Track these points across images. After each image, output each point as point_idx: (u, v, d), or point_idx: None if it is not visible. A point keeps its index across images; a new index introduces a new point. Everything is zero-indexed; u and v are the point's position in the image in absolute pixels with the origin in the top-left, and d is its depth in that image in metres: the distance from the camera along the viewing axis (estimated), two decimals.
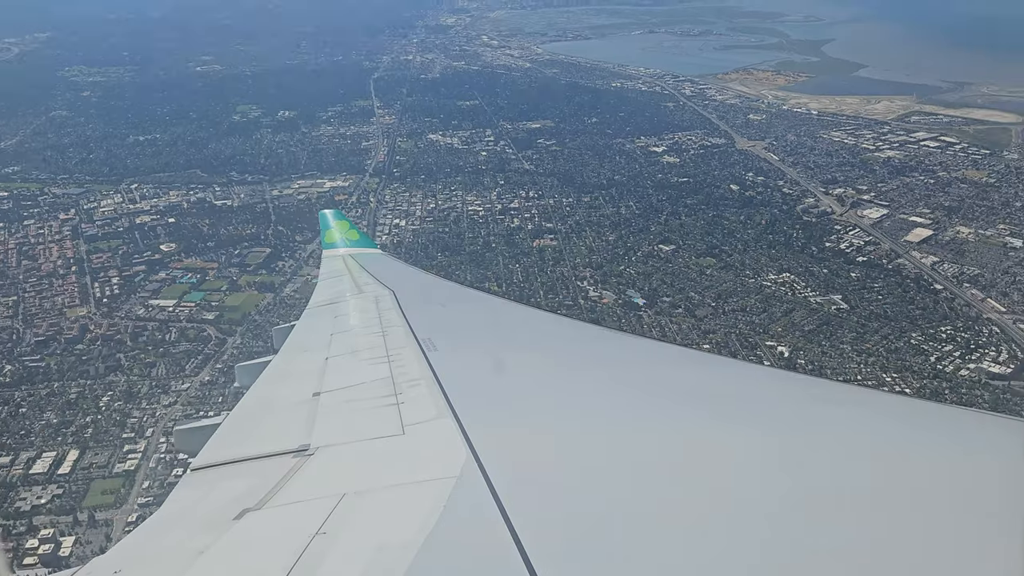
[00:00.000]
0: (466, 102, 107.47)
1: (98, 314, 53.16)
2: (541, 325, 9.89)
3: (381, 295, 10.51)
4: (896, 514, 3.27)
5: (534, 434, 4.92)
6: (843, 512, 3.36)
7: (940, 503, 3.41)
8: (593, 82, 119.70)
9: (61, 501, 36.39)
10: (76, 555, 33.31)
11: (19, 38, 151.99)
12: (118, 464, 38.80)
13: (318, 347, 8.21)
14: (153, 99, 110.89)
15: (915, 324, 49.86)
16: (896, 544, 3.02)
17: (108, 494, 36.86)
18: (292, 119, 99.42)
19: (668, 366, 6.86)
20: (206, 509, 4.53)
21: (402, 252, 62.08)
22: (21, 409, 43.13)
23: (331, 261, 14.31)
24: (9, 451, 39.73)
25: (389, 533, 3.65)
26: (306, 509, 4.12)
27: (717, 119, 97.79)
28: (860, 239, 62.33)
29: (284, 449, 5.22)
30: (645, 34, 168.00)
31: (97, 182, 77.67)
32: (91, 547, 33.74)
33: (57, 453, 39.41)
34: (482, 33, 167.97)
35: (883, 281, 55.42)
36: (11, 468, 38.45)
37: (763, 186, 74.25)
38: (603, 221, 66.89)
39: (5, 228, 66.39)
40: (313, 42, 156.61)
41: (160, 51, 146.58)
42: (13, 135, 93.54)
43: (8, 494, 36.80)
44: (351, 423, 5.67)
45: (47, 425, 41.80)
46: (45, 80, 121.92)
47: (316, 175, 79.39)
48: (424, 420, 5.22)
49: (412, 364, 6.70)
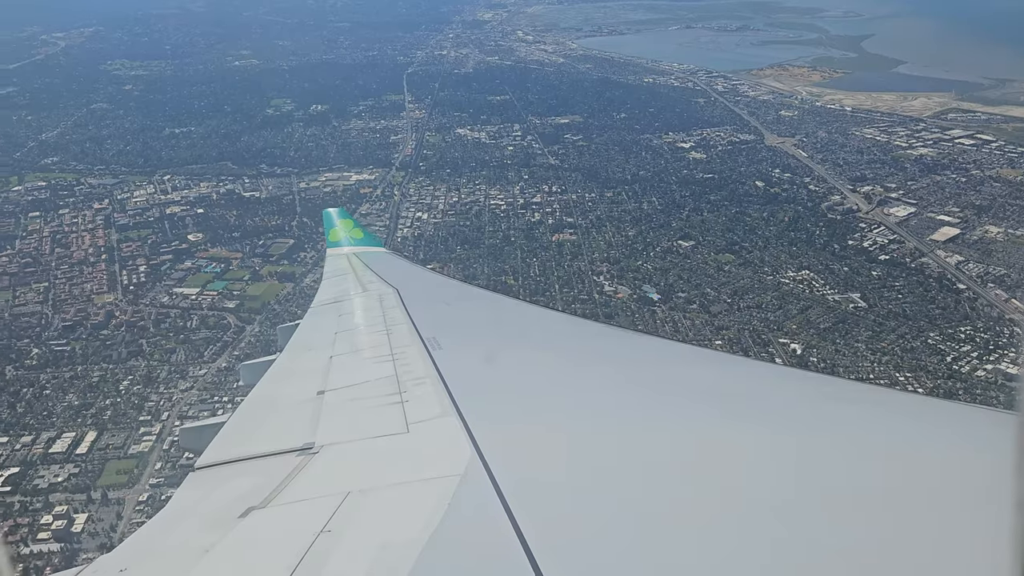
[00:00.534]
0: (496, 97, 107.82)
1: (124, 301, 54.73)
2: (546, 323, 10.01)
3: (385, 293, 10.49)
4: (908, 512, 3.26)
5: (539, 432, 4.92)
6: (854, 511, 3.32)
7: (952, 501, 3.37)
8: (625, 78, 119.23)
9: (77, 480, 37.69)
10: (87, 531, 34.55)
11: (66, 32, 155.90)
12: (133, 446, 40.04)
13: (322, 345, 8.23)
14: (191, 92, 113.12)
15: (934, 324, 49.08)
16: (909, 543, 3.00)
17: (122, 474, 38.08)
18: (324, 113, 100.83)
19: (674, 364, 6.87)
20: (211, 507, 4.56)
21: (422, 245, 62.85)
22: (45, 391, 44.67)
23: (335, 259, 14.27)
24: (32, 431, 41.25)
25: (393, 531, 3.68)
26: (311, 507, 4.12)
27: (748, 115, 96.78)
28: (884, 237, 61.40)
29: (289, 447, 5.23)
30: (681, 29, 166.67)
31: (132, 173, 79.70)
32: (102, 524, 34.94)
33: (76, 434, 40.80)
34: (517, 28, 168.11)
35: (904, 280, 54.61)
36: (32, 447, 39.93)
37: (789, 183, 73.47)
38: (624, 216, 66.83)
39: (41, 217, 68.49)
40: (350, 37, 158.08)
41: (201, 45, 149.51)
42: (55, 127, 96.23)
43: (28, 472, 38.23)
44: (356, 421, 5.70)
45: (69, 407, 43.26)
46: (89, 73, 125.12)
47: (343, 168, 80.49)
48: (428, 418, 5.23)
49: (416, 362, 6.70)
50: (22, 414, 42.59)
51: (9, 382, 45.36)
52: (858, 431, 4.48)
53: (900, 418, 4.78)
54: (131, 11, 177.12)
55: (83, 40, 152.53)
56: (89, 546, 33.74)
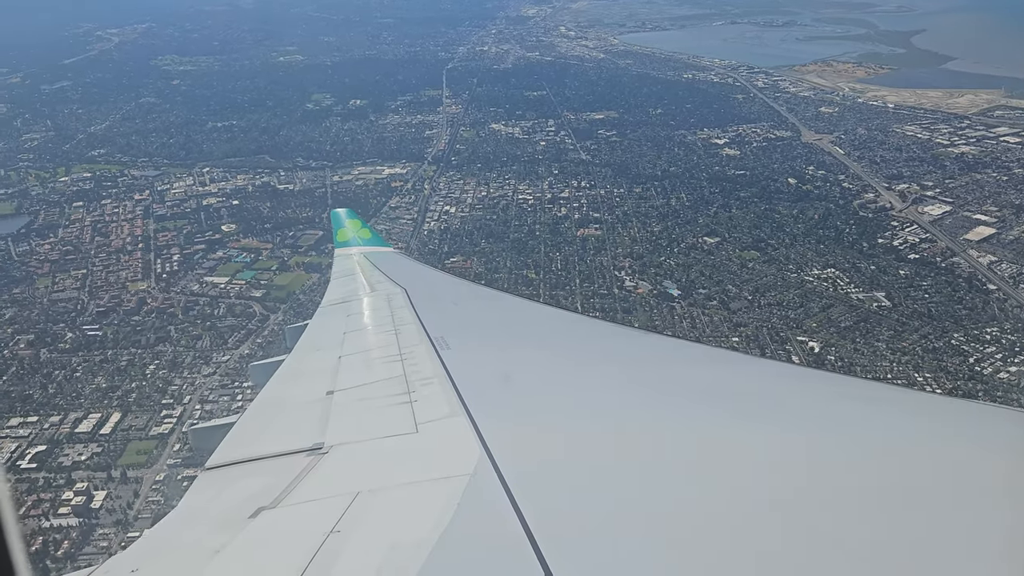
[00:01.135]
0: (533, 92, 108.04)
1: (156, 288, 56.47)
2: (554, 323, 10.05)
3: (393, 293, 10.48)
4: (920, 510, 3.26)
5: (547, 432, 4.92)
6: (862, 510, 3.31)
7: (966, 499, 3.36)
8: (664, 73, 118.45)
9: (99, 459, 39.15)
10: (105, 508, 35.90)
11: (120, 29, 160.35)
12: (155, 427, 41.41)
13: (331, 346, 8.24)
14: (235, 87, 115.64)
15: (959, 324, 48.08)
16: (922, 541, 3.01)
17: (142, 454, 39.45)
18: (362, 108, 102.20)
19: (683, 363, 6.86)
20: (221, 508, 4.59)
21: (448, 238, 63.53)
22: (76, 373, 46.40)
23: (343, 260, 14.24)
24: (60, 411, 42.92)
25: (403, 531, 3.68)
26: (320, 507, 4.14)
27: (786, 112, 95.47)
28: (916, 236, 60.21)
29: (298, 448, 5.25)
30: (726, 25, 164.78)
31: (173, 165, 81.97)
32: (120, 502, 36.26)
33: (102, 415, 42.35)
34: (560, 24, 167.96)
35: (932, 279, 53.56)
36: (60, 426, 41.58)
37: (822, 180, 72.39)
38: (651, 212, 66.65)
39: (84, 207, 70.89)
40: (394, 33, 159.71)
41: (248, 41, 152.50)
42: (104, 120, 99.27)
43: (54, 450, 39.82)
44: (365, 421, 5.71)
45: (97, 389, 44.89)
46: (139, 68, 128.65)
47: (377, 162, 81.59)
48: (437, 418, 5.23)
49: (425, 362, 6.71)
50: (53, 395, 44.32)
51: (43, 364, 47.19)
52: (867, 429, 4.48)
53: (911, 416, 4.79)
54: (183, 8, 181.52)
55: (136, 36, 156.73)
56: (106, 522, 35.14)
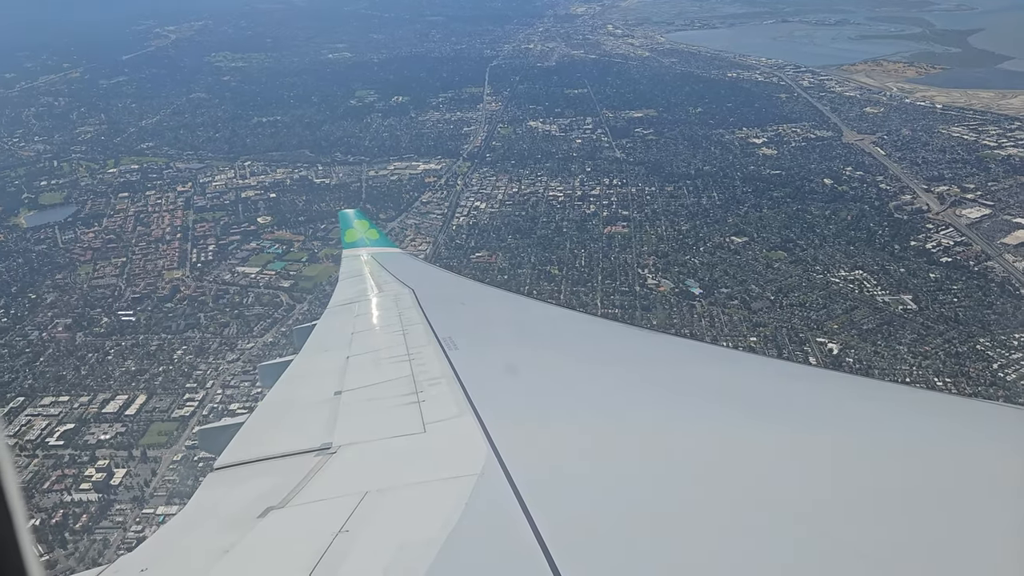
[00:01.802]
0: (574, 90, 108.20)
1: (190, 277, 58.28)
2: (562, 322, 10.05)
3: (401, 294, 10.49)
4: (932, 511, 3.26)
5: (555, 432, 4.93)
6: (873, 511, 3.31)
7: (980, 499, 3.36)
8: (708, 72, 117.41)
9: (122, 438, 40.71)
10: (124, 485, 37.32)
11: (177, 26, 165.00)
12: (177, 410, 42.87)
13: (339, 346, 8.29)
14: (283, 83, 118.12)
15: (987, 329, 46.95)
16: (934, 542, 3.02)
17: (163, 435, 40.90)
18: (403, 104, 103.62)
19: (690, 363, 6.86)
20: (230, 508, 4.60)
21: (475, 233, 64.16)
22: (108, 356, 48.21)
23: (351, 260, 14.24)
24: (91, 392, 44.69)
25: (411, 531, 3.69)
26: (329, 507, 4.15)
27: (830, 111, 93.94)
28: (951, 239, 58.86)
29: (307, 448, 5.27)
30: (777, 23, 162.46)
31: (216, 159, 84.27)
32: (138, 479, 37.67)
33: (128, 396, 43.96)
34: (608, 22, 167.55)
35: (964, 283, 52.36)
36: (88, 406, 43.30)
37: (859, 181, 71.15)
38: (681, 211, 66.36)
39: (129, 197, 73.39)
40: (442, 31, 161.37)
41: (300, 39, 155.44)
42: (155, 114, 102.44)
43: (81, 428, 41.53)
44: (373, 421, 5.72)
45: (126, 372, 46.59)
46: (193, 64, 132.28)
47: (413, 158, 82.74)
48: (445, 418, 5.24)
49: (433, 362, 6.73)
50: (84, 376, 46.16)
51: (78, 347, 49.16)
52: (879, 430, 4.46)
53: (922, 416, 4.79)
54: (239, 6, 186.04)
55: (192, 33, 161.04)
56: (123, 498, 36.56)
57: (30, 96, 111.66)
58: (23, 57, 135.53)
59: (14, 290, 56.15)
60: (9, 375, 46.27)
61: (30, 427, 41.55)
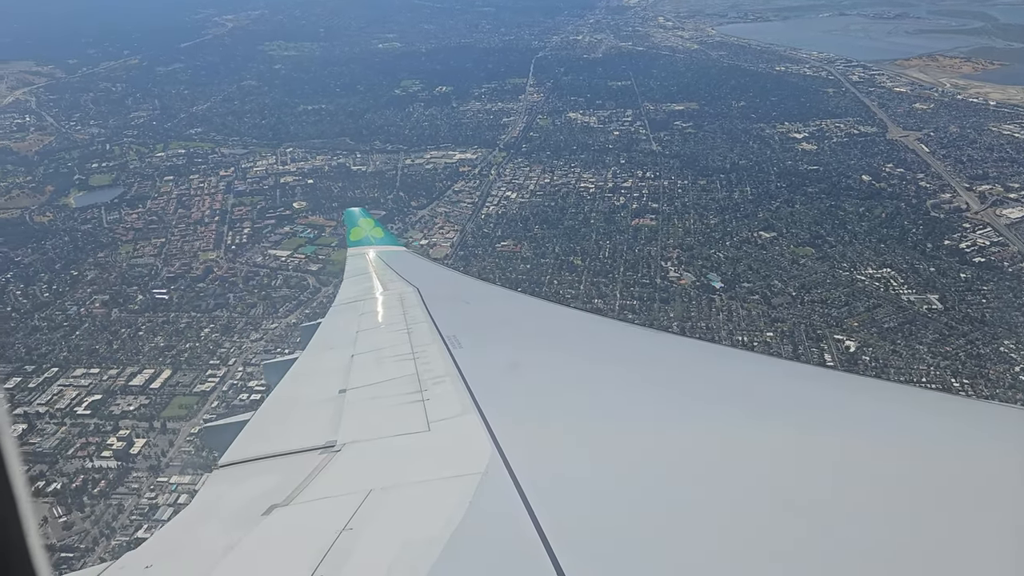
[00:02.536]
0: (618, 82, 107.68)
1: (224, 258, 60.13)
2: (566, 322, 10.09)
3: (406, 292, 10.49)
4: (934, 510, 3.29)
5: (559, 430, 4.96)
6: (877, 510, 3.32)
7: (983, 499, 3.37)
8: (756, 65, 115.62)
9: (145, 410, 42.53)
10: (142, 454, 39.06)
11: (235, 15, 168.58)
12: (199, 385, 44.57)
13: (344, 344, 8.30)
14: (331, 72, 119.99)
15: (1013, 331, 45.86)
16: (936, 541, 3.04)
17: (183, 408, 42.60)
18: (446, 94, 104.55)
19: (695, 363, 6.88)
20: (235, 505, 4.62)
21: (503, 223, 64.73)
22: (139, 332, 50.25)
23: (356, 259, 14.34)
24: (120, 365, 46.66)
25: (415, 529, 3.69)
26: (333, 505, 4.16)
27: (877, 107, 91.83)
28: (987, 239, 57.43)
29: (311, 445, 5.29)
30: (833, 16, 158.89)
31: (260, 145, 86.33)
32: (156, 449, 39.38)
33: (155, 371, 45.84)
34: (660, 14, 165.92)
35: (995, 284, 51.17)
36: (116, 379, 45.29)
37: (899, 178, 69.70)
38: (711, 205, 65.95)
39: (174, 180, 75.71)
40: (492, 21, 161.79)
41: (352, 28, 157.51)
42: (205, 101, 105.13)
43: (107, 400, 43.45)
44: (377, 420, 5.75)
45: (155, 347, 48.51)
46: (246, 53, 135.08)
47: (449, 147, 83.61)
48: (449, 417, 5.25)
49: (437, 361, 6.75)
50: (116, 350, 48.18)
51: (112, 322, 51.26)
52: (879, 429, 4.47)
53: (923, 416, 4.81)
54: None
55: (248, 22, 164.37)
56: (140, 466, 38.27)
57: (90, 81, 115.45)
58: (87, 44, 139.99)
59: (58, 267, 58.64)
60: (47, 347, 48.48)
61: (61, 396, 43.66)
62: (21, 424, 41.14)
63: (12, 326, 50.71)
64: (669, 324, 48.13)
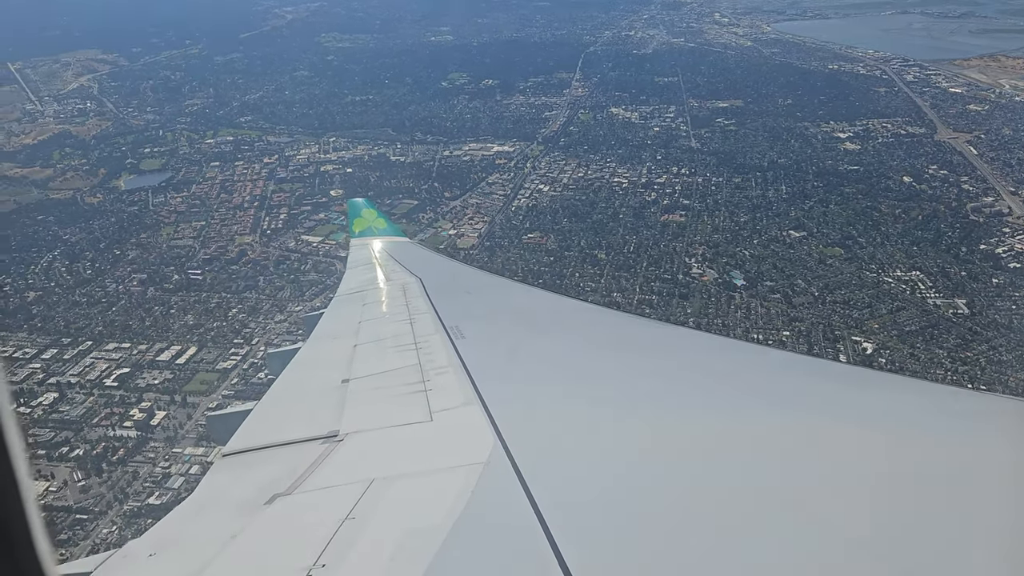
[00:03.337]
0: (665, 78, 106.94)
1: (258, 242, 61.99)
2: (570, 313, 10.08)
3: (409, 283, 10.49)
4: (925, 504, 3.28)
5: (561, 421, 4.97)
6: (883, 503, 3.30)
7: (984, 491, 3.38)
8: (808, 63, 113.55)
9: (169, 384, 44.39)
10: (161, 426, 40.82)
11: (295, 7, 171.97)
12: (221, 362, 46.27)
13: (347, 335, 8.30)
14: (382, 64, 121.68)
15: None
16: (934, 533, 3.03)
17: (204, 384, 44.29)
18: (491, 88, 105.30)
19: (699, 354, 6.90)
20: (238, 494, 4.61)
21: (533, 215, 65.26)
22: (171, 310, 52.28)
23: (359, 249, 14.38)
24: (149, 341, 48.68)
25: (417, 518, 3.70)
26: (336, 494, 4.16)
27: (929, 107, 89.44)
28: None
29: (314, 435, 5.29)
30: (895, 15, 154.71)
31: (305, 134, 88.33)
32: (174, 422, 41.09)
33: (181, 347, 47.70)
34: (716, 10, 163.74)
35: None
36: (145, 354, 47.28)
37: (941, 180, 68.00)
38: (743, 202, 65.39)
39: (220, 166, 78.15)
40: (546, 16, 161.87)
41: (407, 21, 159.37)
42: (258, 90, 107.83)
43: (135, 373, 45.43)
44: (379, 410, 5.75)
45: (184, 325, 50.44)
46: (302, 44, 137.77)
47: (488, 140, 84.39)
48: (452, 407, 5.27)
49: (440, 352, 6.74)
50: (148, 327, 50.31)
51: (147, 300, 53.50)
52: (888, 421, 4.46)
53: (924, 407, 4.82)
54: None
55: (307, 14, 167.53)
56: (158, 437, 39.99)
57: (151, 69, 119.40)
58: (152, 33, 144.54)
59: (102, 246, 61.27)
60: (84, 321, 50.84)
61: (92, 368, 45.81)
62: (52, 393, 43.40)
63: (54, 300, 53.35)
64: (685, 320, 48.09)
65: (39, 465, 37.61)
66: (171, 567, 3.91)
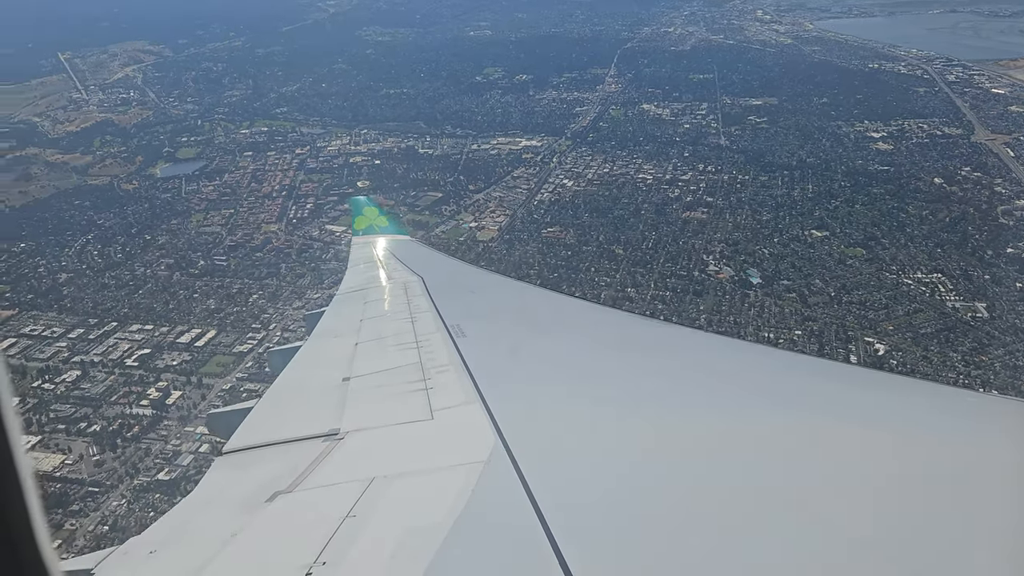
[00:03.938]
0: (699, 75, 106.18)
1: (284, 231, 63.26)
2: (571, 312, 10.19)
3: (410, 281, 10.56)
4: (925, 504, 3.30)
5: (561, 420, 5.00)
6: (888, 504, 3.31)
7: (988, 492, 3.39)
8: (848, 62, 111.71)
9: (186, 365, 45.71)
10: (176, 405, 42.08)
11: (337, 1, 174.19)
12: (238, 346, 47.48)
13: (348, 333, 8.34)
14: (419, 58, 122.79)
15: None
16: (939, 532, 3.05)
17: (220, 366, 45.53)
18: (525, 82, 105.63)
19: (701, 354, 6.93)
20: (239, 492, 4.64)
21: (554, 210, 65.52)
22: (195, 295, 53.73)
23: (361, 248, 14.49)
24: (172, 323, 50.13)
25: (418, 516, 3.73)
26: (336, 492, 4.18)
27: (968, 108, 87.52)
28: None
29: (315, 433, 5.32)
30: (943, 13, 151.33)
31: (338, 126, 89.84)
32: (189, 402, 42.35)
33: (201, 330, 49.04)
34: (759, 8, 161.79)
35: None
36: (166, 336, 48.69)
37: (974, 182, 66.58)
38: (767, 201, 64.83)
39: (252, 156, 79.86)
40: (586, 11, 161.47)
41: (447, 16, 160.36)
42: (296, 83, 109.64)
43: (155, 354, 46.84)
44: (380, 408, 5.77)
45: (206, 309, 51.82)
46: (342, 37, 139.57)
47: (517, 134, 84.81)
48: (452, 405, 5.28)
49: (441, 350, 6.77)
50: (171, 310, 51.84)
51: (173, 284, 55.05)
52: (890, 422, 4.48)
53: (926, 407, 4.84)
54: None
55: (349, 8, 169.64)
56: (172, 416, 41.25)
57: (194, 61, 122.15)
58: (197, 25, 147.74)
59: (134, 231, 63.15)
60: (111, 303, 52.55)
61: (115, 348, 47.37)
62: (76, 371, 44.99)
63: (84, 282, 55.21)
64: (697, 317, 48.08)
65: (57, 439, 39.15)
66: (172, 564, 3.95)
